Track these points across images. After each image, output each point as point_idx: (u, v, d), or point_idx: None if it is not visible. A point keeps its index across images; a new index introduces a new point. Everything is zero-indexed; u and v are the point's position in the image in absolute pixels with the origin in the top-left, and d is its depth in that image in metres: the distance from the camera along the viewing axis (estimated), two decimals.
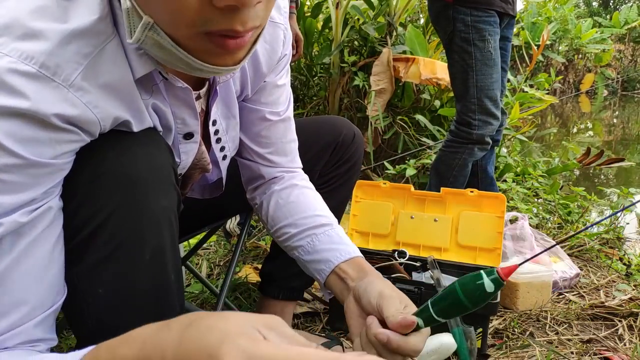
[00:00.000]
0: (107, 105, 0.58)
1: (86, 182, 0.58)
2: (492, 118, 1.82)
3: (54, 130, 0.53)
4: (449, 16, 1.76)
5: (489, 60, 1.76)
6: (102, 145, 0.59)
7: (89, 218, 0.58)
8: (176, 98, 0.70)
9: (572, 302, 1.50)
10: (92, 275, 0.59)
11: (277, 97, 0.90)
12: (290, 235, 0.89)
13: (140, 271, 0.61)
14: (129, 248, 0.60)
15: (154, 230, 0.62)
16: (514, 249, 1.65)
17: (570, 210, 2.41)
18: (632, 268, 1.80)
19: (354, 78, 3.15)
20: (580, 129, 7.25)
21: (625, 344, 1.28)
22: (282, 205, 0.92)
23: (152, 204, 0.61)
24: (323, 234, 0.86)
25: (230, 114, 0.84)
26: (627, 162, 2.77)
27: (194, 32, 0.51)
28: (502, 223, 1.41)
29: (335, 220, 0.91)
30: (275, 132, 0.93)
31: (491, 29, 1.75)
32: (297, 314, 1.40)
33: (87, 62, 0.54)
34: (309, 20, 3.39)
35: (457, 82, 1.84)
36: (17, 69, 0.50)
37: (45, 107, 0.51)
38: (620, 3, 19.64)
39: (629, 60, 12.62)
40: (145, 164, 0.62)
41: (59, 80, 0.53)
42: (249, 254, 1.88)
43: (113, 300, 0.61)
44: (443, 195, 1.48)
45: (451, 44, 1.80)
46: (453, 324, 1.07)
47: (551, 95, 3.97)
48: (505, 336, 1.32)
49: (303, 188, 0.95)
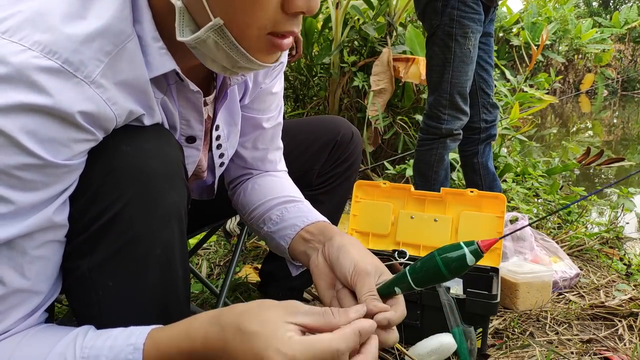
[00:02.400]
0: (123, 101, 0.59)
1: (100, 175, 0.59)
2: (461, 114, 1.84)
3: (73, 129, 0.54)
4: (437, 8, 1.77)
5: (467, 57, 1.78)
6: (116, 140, 0.60)
7: (102, 211, 0.59)
8: (186, 100, 0.71)
9: (572, 302, 1.50)
10: (103, 267, 0.60)
11: (270, 105, 0.92)
12: (261, 213, 0.88)
13: (150, 265, 0.62)
14: (141, 242, 0.61)
15: (165, 225, 0.63)
16: (513, 249, 1.65)
17: (570, 210, 2.42)
18: (632, 268, 1.80)
19: (353, 78, 3.15)
20: (580, 129, 7.25)
21: (625, 344, 1.28)
22: (257, 188, 0.92)
23: (164, 199, 0.62)
24: (293, 207, 0.86)
25: (232, 122, 0.85)
26: (627, 162, 2.76)
27: (261, 33, 0.58)
28: (502, 223, 1.41)
29: (306, 200, 0.90)
30: (264, 139, 0.94)
31: (474, 27, 1.76)
32: None
33: (107, 60, 0.56)
34: (309, 20, 3.39)
35: (433, 74, 1.85)
36: (39, 64, 0.50)
37: (68, 104, 0.52)
38: (620, 3, 19.64)
39: (629, 60, 12.63)
40: (157, 159, 0.62)
41: (81, 77, 0.53)
42: (249, 254, 1.88)
43: (122, 292, 0.62)
44: (443, 195, 1.48)
45: (433, 36, 1.81)
46: (453, 323, 1.07)
47: (551, 95, 3.97)
48: (505, 336, 1.32)
49: (277, 175, 0.96)
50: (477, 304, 1.16)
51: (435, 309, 1.14)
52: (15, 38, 0.50)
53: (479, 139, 2.03)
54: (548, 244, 1.73)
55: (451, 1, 1.73)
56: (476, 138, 2.03)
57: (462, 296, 1.18)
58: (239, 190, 0.96)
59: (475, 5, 1.74)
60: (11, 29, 0.51)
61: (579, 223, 2.27)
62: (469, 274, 1.40)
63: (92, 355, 0.55)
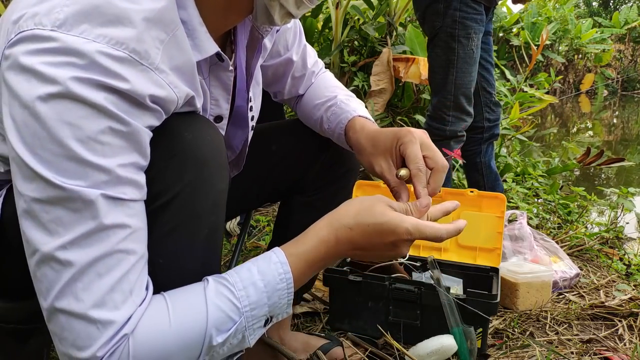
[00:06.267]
0: (181, 84, 0.63)
1: (162, 158, 0.62)
2: (465, 115, 1.83)
3: (146, 109, 0.58)
4: (439, 10, 1.76)
5: (470, 58, 1.77)
6: (179, 126, 0.65)
7: (161, 192, 0.62)
8: (217, 80, 0.76)
9: (572, 302, 1.50)
10: (156, 245, 0.62)
11: (289, 37, 1.01)
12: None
13: (197, 247, 0.67)
14: (192, 225, 0.65)
15: (213, 209, 0.68)
16: (512, 249, 1.65)
17: (570, 210, 2.41)
18: (632, 268, 1.80)
19: (354, 78, 3.15)
20: (580, 129, 7.25)
21: (625, 344, 1.28)
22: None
23: (215, 185, 0.67)
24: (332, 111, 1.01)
25: (256, 82, 0.91)
26: (627, 162, 2.76)
27: None
28: (502, 223, 1.41)
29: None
30: (297, 68, 1.04)
31: (477, 27, 1.76)
32: (297, 314, 1.40)
33: (162, 47, 0.59)
34: (309, 20, 3.39)
35: (436, 76, 1.85)
36: (109, 53, 0.53)
37: (141, 88, 0.56)
38: (620, 3, 19.63)
39: (629, 60, 12.62)
40: (210, 147, 0.67)
41: (147, 64, 0.57)
42: (249, 254, 1.88)
43: (170, 271, 0.65)
44: (443, 195, 1.47)
45: (435, 38, 1.81)
46: (453, 323, 1.07)
47: (551, 95, 3.97)
48: (505, 336, 1.32)
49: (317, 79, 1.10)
50: (477, 304, 1.16)
51: (435, 309, 1.14)
52: (76, 32, 0.53)
53: (482, 138, 2.02)
54: (548, 243, 1.73)
55: (453, 2, 1.72)
56: (479, 137, 2.02)
57: (462, 296, 1.18)
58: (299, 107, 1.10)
59: (476, 5, 1.74)
60: (67, 22, 0.53)
61: (579, 223, 2.27)
62: (469, 274, 1.41)
63: (249, 285, 0.63)
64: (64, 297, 0.54)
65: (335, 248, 0.69)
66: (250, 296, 0.62)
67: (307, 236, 0.69)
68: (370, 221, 0.68)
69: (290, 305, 0.67)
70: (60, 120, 0.52)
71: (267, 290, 0.63)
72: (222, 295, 0.61)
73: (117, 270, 0.55)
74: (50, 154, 0.52)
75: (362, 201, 0.71)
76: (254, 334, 0.63)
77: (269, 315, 0.65)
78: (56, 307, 0.54)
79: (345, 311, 1.31)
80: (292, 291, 0.66)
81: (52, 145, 0.52)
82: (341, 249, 0.69)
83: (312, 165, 1.09)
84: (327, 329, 1.36)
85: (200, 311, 0.59)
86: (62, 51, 0.52)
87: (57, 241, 0.53)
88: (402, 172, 0.80)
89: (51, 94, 0.51)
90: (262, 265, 0.65)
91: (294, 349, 1.16)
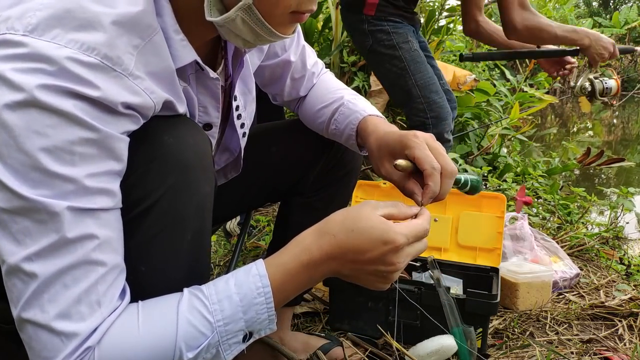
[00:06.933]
0: (158, 90, 0.62)
1: (142, 163, 0.61)
2: (443, 111, 1.80)
3: (120, 115, 0.57)
4: (364, 31, 1.78)
5: (418, 57, 1.78)
6: (158, 129, 0.64)
7: (142, 198, 0.61)
8: (204, 87, 0.75)
9: (572, 302, 1.50)
10: (138, 252, 0.62)
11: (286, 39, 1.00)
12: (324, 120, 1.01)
13: (182, 252, 0.66)
14: (175, 230, 0.64)
15: (197, 214, 0.66)
16: (513, 249, 1.65)
17: (570, 211, 2.41)
18: (632, 268, 1.80)
19: (354, 78, 3.15)
20: (580, 129, 7.25)
21: (625, 344, 1.28)
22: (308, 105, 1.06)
23: (199, 189, 0.66)
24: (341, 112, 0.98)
25: (247, 90, 0.89)
26: (627, 162, 2.76)
27: (286, 11, 0.63)
28: (502, 223, 1.41)
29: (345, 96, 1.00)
30: (297, 69, 1.02)
31: (410, 32, 1.79)
32: (297, 314, 1.40)
33: (137, 53, 0.58)
34: (309, 20, 3.39)
35: (396, 89, 1.84)
36: (79, 59, 0.52)
37: (113, 95, 0.55)
38: (620, 3, 19.63)
39: (629, 60, 12.63)
40: (193, 151, 0.66)
41: (120, 70, 0.56)
42: (249, 254, 1.88)
43: (153, 278, 0.64)
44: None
45: (375, 55, 1.81)
46: (453, 323, 1.07)
47: (551, 95, 3.97)
48: (505, 336, 1.32)
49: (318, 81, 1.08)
50: (477, 304, 1.16)
51: (435, 309, 1.14)
52: (47, 37, 0.52)
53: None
54: (548, 243, 1.73)
55: (377, 22, 1.75)
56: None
57: (462, 296, 1.18)
58: (301, 109, 1.08)
59: (400, 19, 1.78)
60: (39, 27, 0.52)
61: (579, 223, 2.27)
62: (469, 274, 1.41)
63: (224, 298, 0.60)
64: (30, 308, 0.54)
65: (319, 258, 0.64)
66: (224, 310, 0.59)
67: (290, 245, 0.66)
68: (355, 226, 0.64)
69: (273, 321, 0.63)
70: (27, 129, 0.51)
71: (243, 305, 0.60)
72: (195, 309, 0.59)
73: (84, 281, 0.54)
74: (18, 164, 0.51)
75: (350, 210, 0.67)
76: (229, 349, 0.61)
77: (246, 330, 0.61)
78: (23, 317, 0.54)
79: (345, 311, 1.31)
80: (272, 306, 0.62)
81: (18, 155, 0.51)
82: (325, 259, 0.64)
83: (313, 166, 1.08)
84: (327, 329, 1.36)
85: (169, 325, 0.58)
86: (32, 57, 0.51)
87: (23, 252, 0.53)
88: (402, 163, 0.75)
89: (18, 102, 0.50)
90: (240, 277, 0.62)
91: (294, 349, 1.16)
